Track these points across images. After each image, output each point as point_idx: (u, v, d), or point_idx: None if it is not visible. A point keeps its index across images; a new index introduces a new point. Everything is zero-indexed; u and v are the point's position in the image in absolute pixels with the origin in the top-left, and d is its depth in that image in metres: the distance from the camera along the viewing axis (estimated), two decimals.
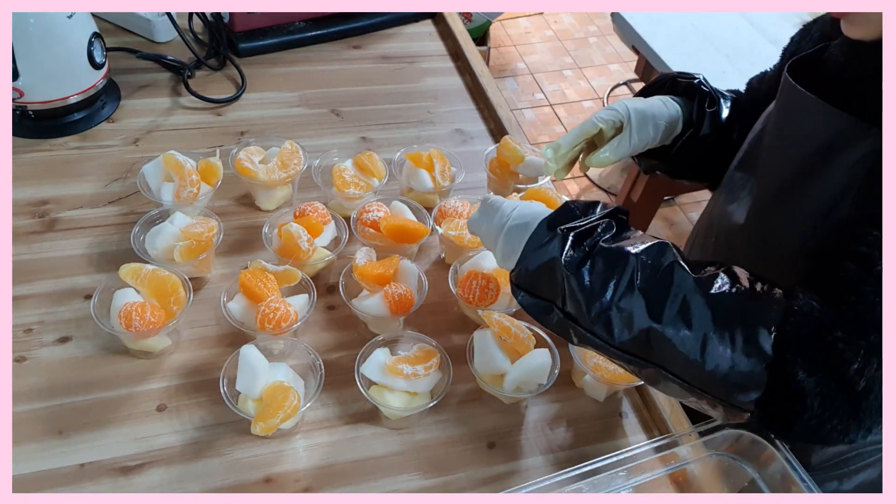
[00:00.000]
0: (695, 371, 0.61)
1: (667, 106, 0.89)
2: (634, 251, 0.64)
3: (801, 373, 0.59)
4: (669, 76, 0.93)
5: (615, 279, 0.63)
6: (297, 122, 1.23)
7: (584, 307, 0.63)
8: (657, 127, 0.88)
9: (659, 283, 0.62)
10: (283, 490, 0.77)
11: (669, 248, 0.66)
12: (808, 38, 0.84)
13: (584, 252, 0.64)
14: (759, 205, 0.80)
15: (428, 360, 0.81)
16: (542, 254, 0.65)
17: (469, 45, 1.44)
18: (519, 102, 3.07)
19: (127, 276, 0.84)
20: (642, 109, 0.87)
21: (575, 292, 0.64)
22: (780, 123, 0.77)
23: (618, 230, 0.68)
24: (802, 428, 0.61)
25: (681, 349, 0.61)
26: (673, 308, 0.61)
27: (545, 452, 0.84)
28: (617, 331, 0.63)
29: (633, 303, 0.62)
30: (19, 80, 1.04)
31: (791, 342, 0.60)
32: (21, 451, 0.76)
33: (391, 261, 0.91)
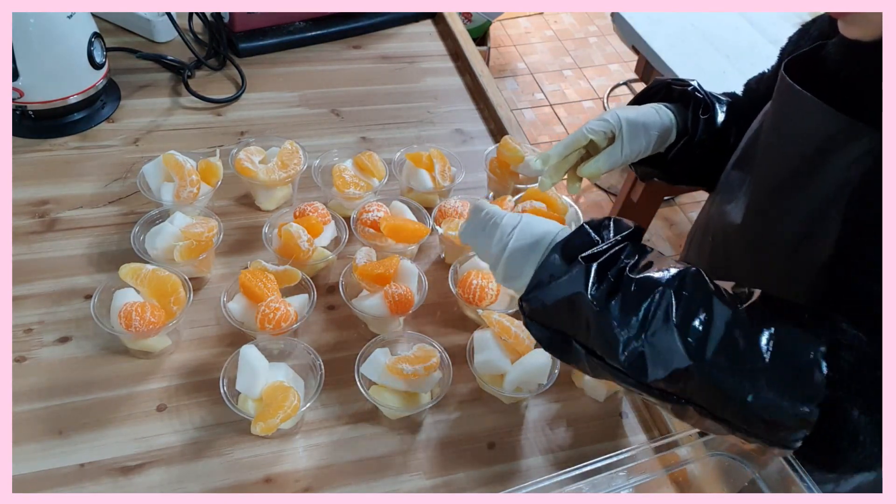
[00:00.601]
0: (738, 410, 0.57)
1: (659, 115, 0.88)
2: (665, 280, 0.59)
3: (855, 411, 0.57)
4: (663, 82, 0.92)
5: (648, 313, 0.58)
6: (297, 122, 1.23)
7: (613, 344, 0.58)
8: (649, 136, 0.86)
9: (696, 317, 0.58)
10: (283, 490, 0.77)
11: (701, 275, 0.61)
12: (806, 38, 0.83)
13: (610, 283, 0.59)
14: (755, 204, 0.79)
15: (428, 360, 0.81)
16: (563, 287, 0.60)
17: (469, 45, 1.44)
18: (519, 102, 3.07)
19: (127, 276, 0.84)
20: (634, 119, 0.85)
21: (603, 329, 0.58)
22: (777, 122, 0.77)
23: (640, 255, 0.63)
24: (850, 461, 0.59)
25: (723, 389, 0.56)
26: (713, 344, 0.57)
27: (545, 452, 0.84)
28: (650, 369, 0.57)
29: (668, 339, 0.57)
30: (19, 80, 1.04)
31: (845, 381, 0.57)
32: (21, 451, 0.76)
33: (391, 261, 0.91)
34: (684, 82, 0.90)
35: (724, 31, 1.96)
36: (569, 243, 0.62)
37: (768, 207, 0.77)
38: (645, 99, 0.93)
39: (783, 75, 0.74)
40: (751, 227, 0.80)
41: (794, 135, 0.73)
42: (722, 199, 0.87)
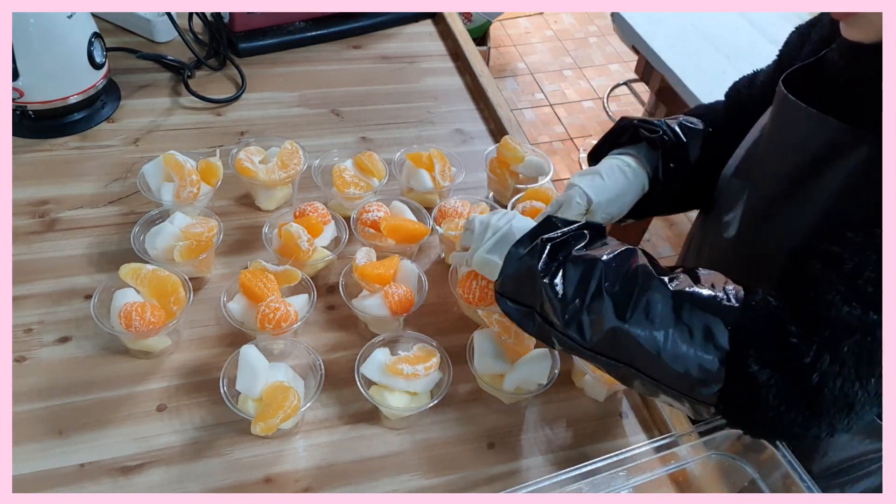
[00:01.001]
0: (659, 367, 0.65)
1: (628, 177, 0.86)
2: (603, 258, 0.68)
3: (753, 365, 0.62)
4: (630, 125, 0.89)
5: (585, 284, 0.67)
6: (297, 122, 1.23)
7: (558, 312, 0.67)
8: (622, 205, 0.87)
9: (624, 286, 0.66)
10: (283, 490, 0.77)
11: (636, 252, 0.70)
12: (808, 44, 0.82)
13: (559, 261, 0.69)
14: (751, 214, 0.79)
15: (428, 360, 0.81)
16: (522, 263, 0.70)
17: (469, 45, 1.44)
18: (519, 102, 3.07)
19: (127, 276, 0.84)
20: (604, 194, 0.85)
21: (550, 298, 0.68)
22: (773, 133, 0.77)
23: (591, 240, 0.72)
24: (762, 420, 0.64)
25: (645, 346, 0.64)
26: (637, 307, 0.65)
27: (545, 452, 0.84)
28: (588, 333, 0.67)
29: (601, 305, 0.66)
30: (19, 80, 1.04)
31: (745, 336, 0.63)
32: (21, 451, 0.76)
33: (391, 261, 0.90)
34: (652, 127, 0.88)
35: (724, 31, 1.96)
36: (536, 230, 0.72)
37: (763, 218, 0.77)
38: (612, 141, 0.91)
39: (781, 88, 0.74)
40: (745, 236, 0.80)
41: (790, 145, 0.73)
42: (719, 211, 0.86)
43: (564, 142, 2.92)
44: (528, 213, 0.99)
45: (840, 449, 0.84)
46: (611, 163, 0.87)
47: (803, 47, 0.83)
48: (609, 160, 0.88)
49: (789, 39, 0.87)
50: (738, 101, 0.94)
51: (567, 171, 2.78)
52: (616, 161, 0.87)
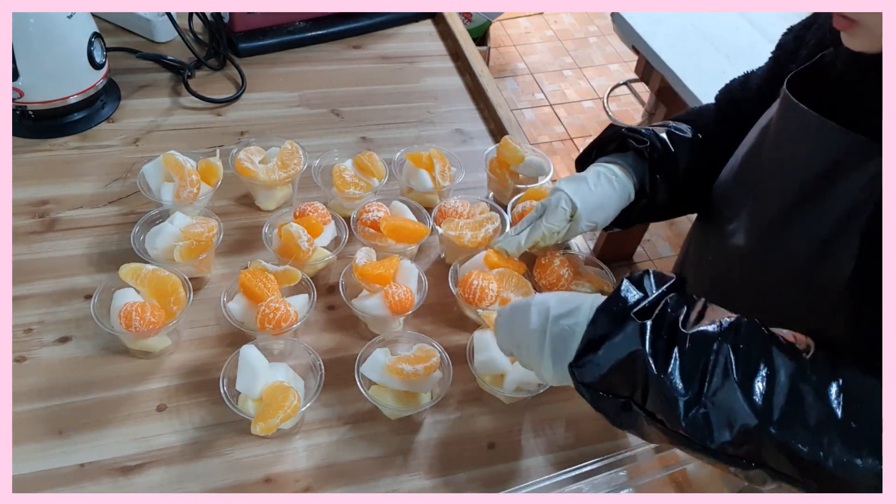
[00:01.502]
0: (813, 471, 0.54)
1: (614, 186, 0.86)
2: (720, 334, 0.57)
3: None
4: (619, 134, 0.88)
5: (707, 372, 0.55)
6: (297, 122, 1.23)
7: (673, 405, 0.55)
8: (606, 214, 0.87)
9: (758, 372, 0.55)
10: (283, 490, 0.77)
11: (757, 326, 0.59)
12: (803, 46, 0.81)
13: (665, 340, 0.57)
14: (759, 227, 0.77)
15: (428, 360, 0.81)
16: (618, 347, 0.57)
17: (469, 45, 1.44)
18: (519, 102, 3.07)
19: (127, 276, 0.84)
20: (589, 201, 0.84)
21: (662, 390, 0.56)
22: (780, 142, 0.74)
23: (688, 306, 0.60)
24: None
25: (794, 449, 0.53)
26: (779, 401, 0.54)
27: (545, 452, 0.84)
28: (716, 432, 0.54)
29: (731, 398, 0.54)
30: (19, 80, 1.04)
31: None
32: (21, 451, 0.76)
33: (391, 261, 0.90)
34: (640, 137, 0.86)
35: (724, 31, 1.96)
36: (612, 303, 0.60)
37: (774, 231, 0.75)
38: (599, 149, 0.91)
39: (786, 93, 0.72)
40: (755, 250, 0.77)
41: (800, 155, 0.70)
42: (721, 219, 0.84)
43: (564, 142, 2.92)
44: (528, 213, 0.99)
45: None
46: (597, 170, 0.87)
47: (799, 49, 0.82)
48: (596, 167, 0.88)
49: (783, 42, 0.86)
50: (731, 104, 0.93)
51: (567, 171, 2.78)
52: (602, 169, 0.87)
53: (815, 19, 0.81)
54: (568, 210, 0.85)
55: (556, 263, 0.92)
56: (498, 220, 0.99)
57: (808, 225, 0.70)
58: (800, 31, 0.84)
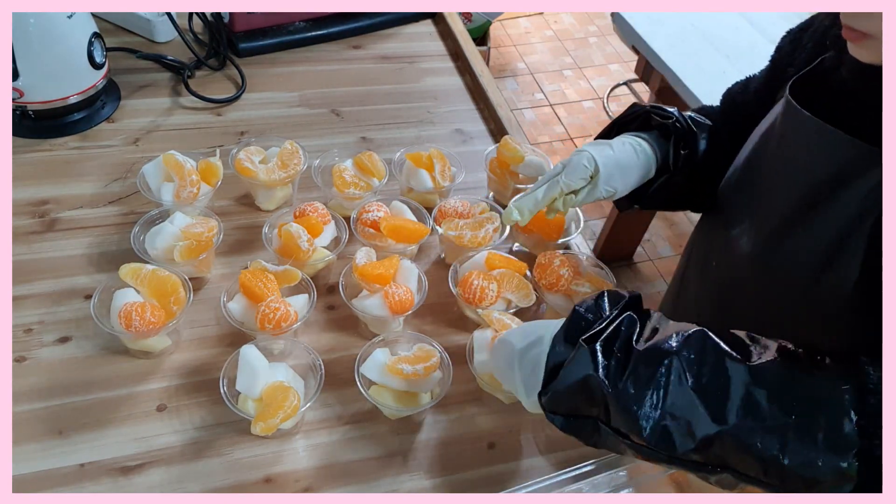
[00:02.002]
0: (776, 472, 0.55)
1: (638, 155, 0.84)
2: (673, 348, 0.59)
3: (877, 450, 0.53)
4: (643, 110, 0.87)
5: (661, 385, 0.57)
6: (297, 122, 1.23)
7: (634, 421, 0.57)
8: (626, 181, 0.84)
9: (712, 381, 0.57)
10: (283, 490, 0.77)
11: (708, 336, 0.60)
12: (800, 49, 0.80)
13: (618, 358, 0.59)
14: (764, 233, 0.76)
15: (428, 360, 0.81)
16: (572, 372, 0.60)
17: (469, 45, 1.44)
18: (519, 102, 3.07)
19: (127, 276, 0.84)
20: (612, 164, 0.82)
21: (621, 408, 0.58)
22: (784, 148, 0.74)
23: (641, 323, 0.62)
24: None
25: (754, 452, 0.55)
26: (734, 407, 0.55)
27: (545, 452, 0.84)
28: (678, 441, 0.56)
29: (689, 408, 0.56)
30: (19, 80, 1.05)
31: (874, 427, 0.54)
32: (21, 451, 0.76)
33: (391, 261, 0.91)
34: (665, 113, 0.85)
35: (724, 31, 1.96)
36: (569, 329, 0.63)
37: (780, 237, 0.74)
38: (622, 125, 0.89)
39: (789, 100, 0.71)
40: (761, 257, 0.77)
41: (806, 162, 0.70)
42: (725, 223, 0.84)
43: (564, 142, 2.92)
44: None
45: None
46: (622, 139, 0.85)
47: (795, 52, 0.81)
48: (621, 137, 0.86)
49: (781, 45, 0.85)
50: (732, 107, 0.93)
51: None
52: (628, 139, 0.85)
53: (812, 22, 0.81)
54: (590, 169, 0.81)
55: (556, 263, 0.92)
56: (498, 220, 0.99)
57: (812, 232, 0.69)
58: (797, 33, 0.83)
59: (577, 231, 1.02)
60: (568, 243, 1.03)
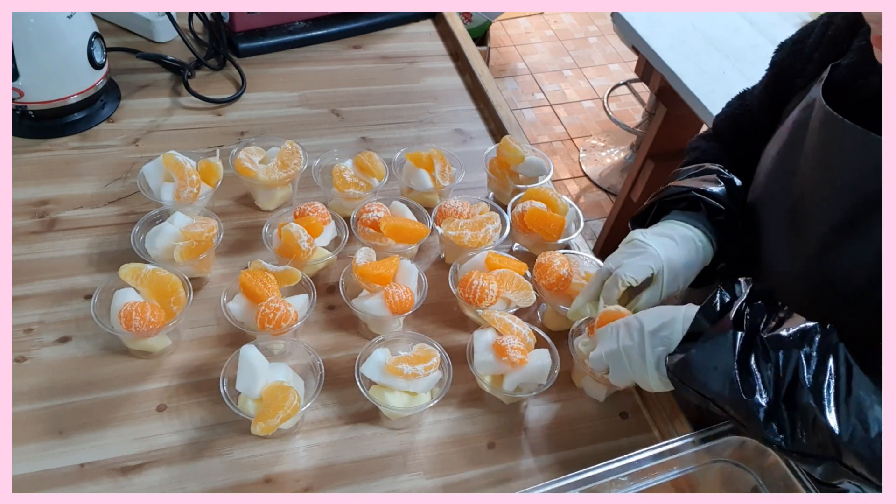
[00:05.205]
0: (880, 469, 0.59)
1: (698, 253, 0.82)
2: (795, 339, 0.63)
3: None
4: (688, 195, 0.84)
5: (791, 381, 0.62)
6: (297, 122, 1.23)
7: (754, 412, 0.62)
8: (687, 280, 0.82)
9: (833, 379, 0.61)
10: (283, 490, 0.77)
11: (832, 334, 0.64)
12: (804, 60, 0.79)
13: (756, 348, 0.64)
14: (809, 250, 0.75)
15: (428, 360, 0.81)
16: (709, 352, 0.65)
17: (469, 45, 1.44)
18: (519, 102, 3.07)
19: (127, 276, 0.84)
20: (676, 265, 0.80)
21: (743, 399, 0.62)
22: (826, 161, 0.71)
23: (772, 315, 0.67)
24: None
25: (862, 455, 0.59)
26: (851, 409, 0.60)
27: (545, 453, 0.84)
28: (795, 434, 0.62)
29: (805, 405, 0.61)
30: (19, 80, 1.04)
31: None
32: (21, 451, 0.76)
33: (391, 261, 0.90)
34: (715, 205, 0.82)
35: (725, 32, 1.96)
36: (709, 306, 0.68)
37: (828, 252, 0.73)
38: (669, 204, 0.86)
39: (828, 109, 0.69)
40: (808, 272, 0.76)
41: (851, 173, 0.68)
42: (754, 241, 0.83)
43: (564, 142, 2.92)
44: (527, 213, 0.99)
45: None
46: (683, 231, 0.83)
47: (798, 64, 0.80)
48: (679, 228, 0.83)
49: (777, 59, 0.84)
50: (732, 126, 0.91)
51: (567, 171, 2.79)
52: (688, 231, 0.83)
53: (809, 32, 0.80)
54: (653, 269, 0.79)
55: (557, 263, 0.92)
56: (498, 220, 0.99)
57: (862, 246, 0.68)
58: (793, 45, 0.82)
59: (577, 231, 1.02)
60: (568, 243, 1.03)
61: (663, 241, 0.80)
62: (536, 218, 0.99)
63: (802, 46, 0.80)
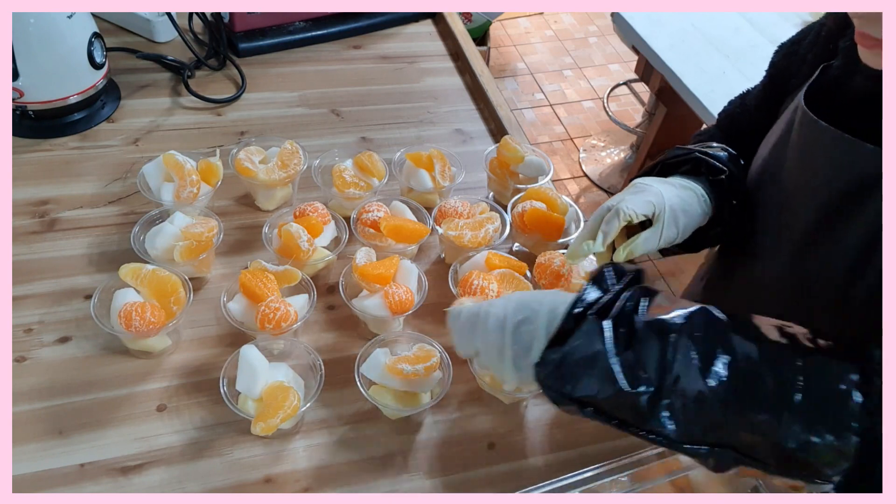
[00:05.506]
0: (775, 452, 0.55)
1: (699, 202, 0.80)
2: (678, 325, 0.57)
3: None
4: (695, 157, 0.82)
5: (667, 364, 0.56)
6: (297, 122, 1.23)
7: (637, 404, 0.57)
8: (685, 228, 0.79)
9: (717, 359, 0.56)
10: (283, 490, 0.77)
11: (713, 314, 0.59)
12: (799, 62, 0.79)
13: (624, 336, 0.58)
14: (788, 250, 0.75)
15: (428, 360, 0.81)
16: (580, 347, 0.58)
17: (469, 45, 1.44)
18: (519, 102, 3.07)
19: (127, 276, 0.84)
20: (676, 207, 0.77)
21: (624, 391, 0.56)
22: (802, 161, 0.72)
23: (646, 299, 0.61)
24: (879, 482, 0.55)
25: (757, 430, 0.55)
26: (741, 385, 0.55)
27: (545, 453, 0.84)
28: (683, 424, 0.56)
29: (694, 387, 0.55)
30: (19, 80, 1.05)
31: (880, 407, 0.54)
32: (21, 451, 0.76)
33: (391, 261, 0.91)
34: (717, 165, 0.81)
35: (725, 32, 1.96)
36: (575, 302, 0.61)
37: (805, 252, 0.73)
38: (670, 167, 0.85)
39: (806, 111, 0.70)
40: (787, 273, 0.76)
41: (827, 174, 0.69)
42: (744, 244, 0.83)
43: (564, 142, 2.92)
44: (527, 213, 1.00)
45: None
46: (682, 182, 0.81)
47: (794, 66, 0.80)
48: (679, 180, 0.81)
49: (775, 60, 0.84)
50: (732, 125, 0.92)
51: (567, 171, 2.78)
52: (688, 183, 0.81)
53: (807, 34, 0.80)
54: (655, 205, 0.76)
55: (557, 263, 0.92)
56: (498, 220, 0.99)
57: (838, 245, 0.68)
58: (790, 47, 0.82)
59: (577, 231, 1.02)
60: (568, 243, 1.03)
61: (665, 185, 0.79)
62: (536, 218, 0.99)
63: (799, 48, 0.81)
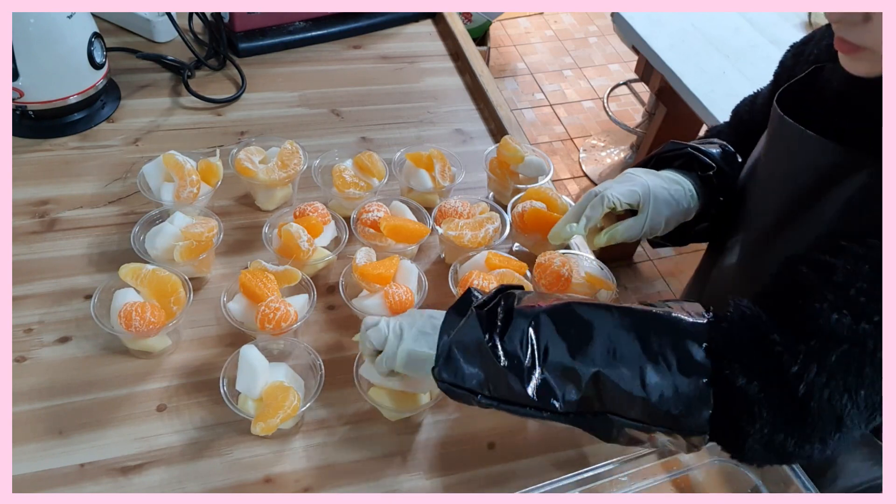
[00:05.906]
0: (643, 407, 0.60)
1: (686, 196, 0.82)
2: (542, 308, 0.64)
3: (740, 378, 0.59)
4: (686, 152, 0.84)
5: (536, 343, 0.62)
6: (297, 122, 1.23)
7: (515, 382, 0.62)
8: (669, 220, 0.82)
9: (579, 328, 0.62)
10: (283, 490, 0.77)
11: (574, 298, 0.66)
12: (801, 62, 0.80)
13: (498, 326, 0.64)
14: (750, 242, 0.77)
15: None
16: (464, 333, 0.65)
17: (469, 45, 1.44)
18: (519, 102, 3.07)
19: (127, 276, 0.84)
20: (661, 198, 0.80)
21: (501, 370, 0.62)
22: (770, 157, 0.74)
23: (519, 297, 0.67)
24: (756, 441, 0.59)
25: (623, 388, 0.60)
26: (601, 348, 0.61)
27: (545, 452, 0.84)
28: (558, 390, 0.62)
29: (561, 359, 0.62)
30: (19, 80, 1.04)
31: (726, 349, 0.60)
32: (21, 451, 0.76)
33: (391, 261, 0.90)
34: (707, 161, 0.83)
35: (725, 32, 1.96)
36: (460, 302, 0.68)
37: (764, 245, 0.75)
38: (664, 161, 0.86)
39: (775, 108, 0.72)
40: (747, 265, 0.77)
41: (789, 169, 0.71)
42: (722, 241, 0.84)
43: (564, 142, 2.92)
44: (527, 213, 0.99)
45: (851, 475, 0.83)
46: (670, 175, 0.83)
47: (797, 66, 0.81)
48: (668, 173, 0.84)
49: (784, 59, 0.85)
50: (740, 125, 0.92)
51: (567, 171, 2.78)
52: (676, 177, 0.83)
53: (815, 35, 0.81)
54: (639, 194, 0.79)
55: (557, 263, 0.92)
56: (498, 220, 0.99)
57: (796, 239, 0.70)
58: (800, 47, 0.83)
59: None
60: (567, 244, 1.03)
61: (653, 177, 0.82)
62: (536, 218, 0.99)
63: (805, 48, 0.81)
